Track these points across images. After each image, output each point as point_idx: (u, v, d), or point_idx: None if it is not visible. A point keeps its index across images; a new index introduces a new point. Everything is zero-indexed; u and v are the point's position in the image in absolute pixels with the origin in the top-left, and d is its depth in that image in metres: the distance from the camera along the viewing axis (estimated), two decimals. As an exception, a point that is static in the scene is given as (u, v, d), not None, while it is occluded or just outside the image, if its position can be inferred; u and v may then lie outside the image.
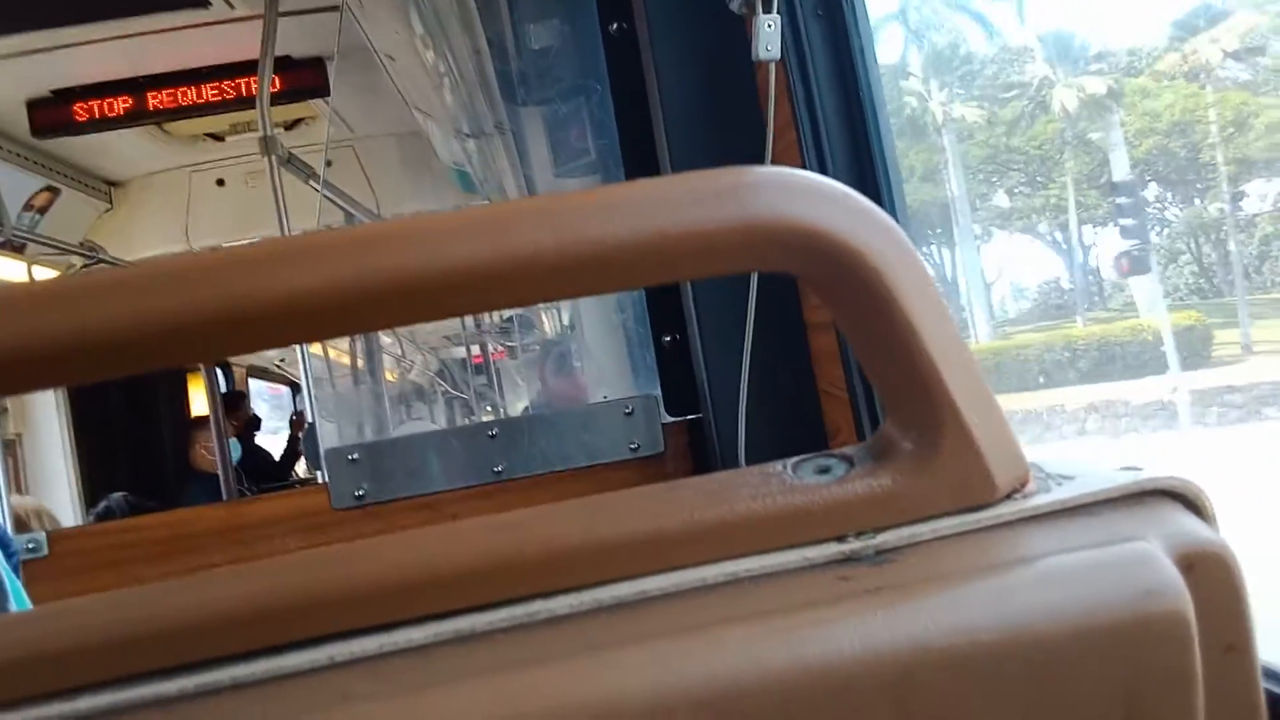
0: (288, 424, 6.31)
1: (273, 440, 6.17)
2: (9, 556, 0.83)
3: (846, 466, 0.35)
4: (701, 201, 0.32)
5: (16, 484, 4.02)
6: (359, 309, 0.31)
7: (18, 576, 0.83)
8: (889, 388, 0.35)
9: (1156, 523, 0.33)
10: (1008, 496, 0.34)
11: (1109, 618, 0.30)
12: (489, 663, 0.31)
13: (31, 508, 2.72)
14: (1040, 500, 0.34)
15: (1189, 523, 0.33)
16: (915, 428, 0.34)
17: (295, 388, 6.89)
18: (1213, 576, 0.32)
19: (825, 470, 0.35)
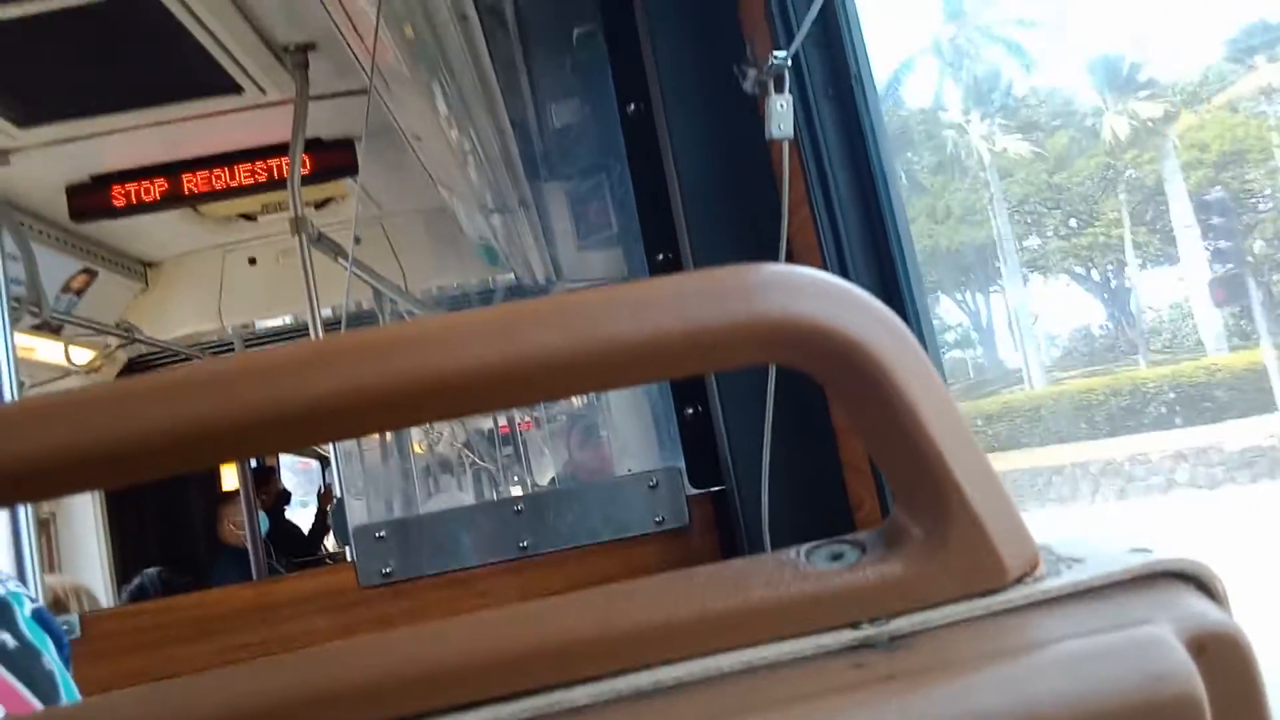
0: (315, 498, 6.34)
1: (302, 513, 6.19)
2: (60, 649, 0.82)
3: (859, 553, 0.36)
4: (706, 300, 0.33)
5: (50, 563, 4.05)
6: (381, 410, 0.33)
7: (68, 667, 0.83)
8: (897, 476, 0.36)
9: (1167, 605, 0.33)
10: (1018, 580, 0.35)
11: (1120, 703, 0.31)
12: None
13: (70, 587, 2.73)
14: (1050, 584, 0.34)
15: (1200, 605, 0.33)
16: (924, 515, 0.35)
17: (324, 462, 6.92)
18: (1225, 659, 0.32)
19: (838, 557, 0.36)
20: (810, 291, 0.33)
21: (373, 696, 0.34)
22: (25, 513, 1.64)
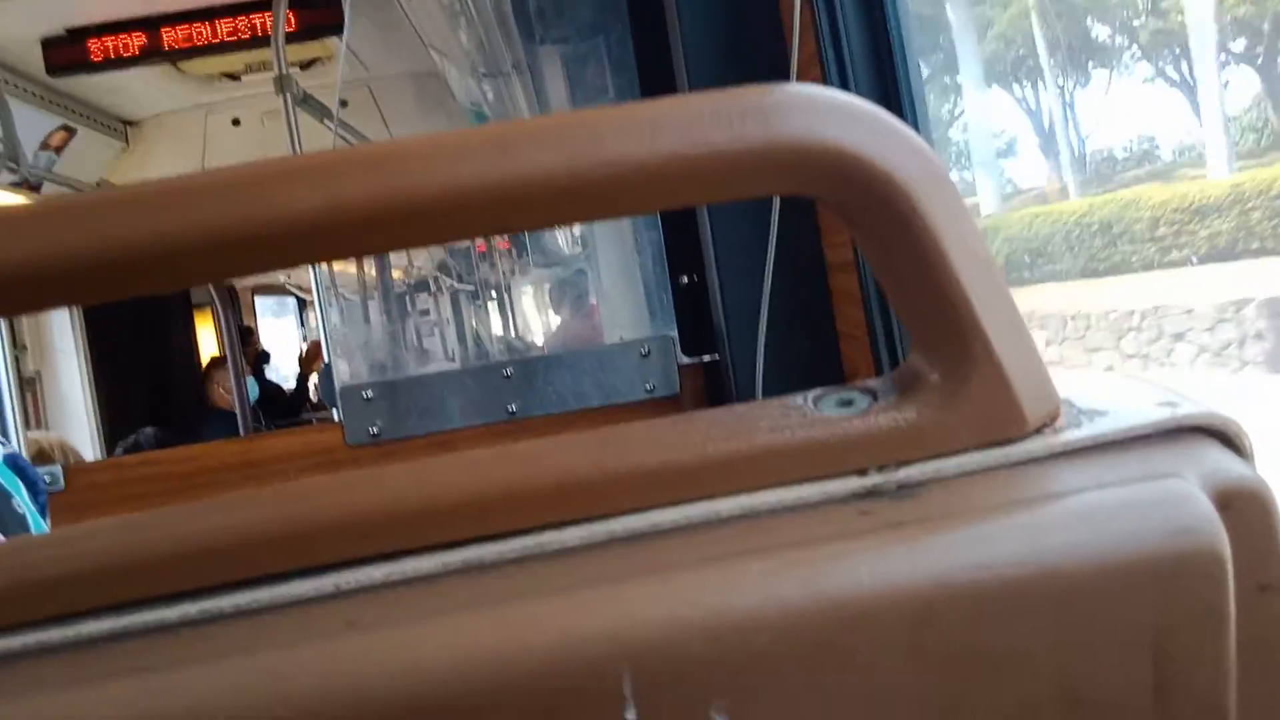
0: (294, 326, 6.32)
1: (275, 332, 6.14)
2: (36, 496, 0.82)
3: (869, 399, 0.34)
4: (721, 120, 0.30)
5: (37, 421, 4.07)
6: (364, 230, 0.30)
7: (44, 517, 0.83)
8: (916, 317, 0.34)
9: (1193, 460, 0.32)
10: (1037, 431, 0.33)
11: (1141, 555, 0.29)
12: (498, 593, 0.31)
13: (55, 441, 2.75)
14: (1071, 435, 0.33)
15: (1226, 460, 0.32)
16: (942, 359, 0.33)
17: (302, 303, 6.90)
18: (1250, 515, 0.31)
19: (848, 403, 0.34)
20: (830, 112, 0.30)
21: (354, 532, 0.33)
22: (5, 369, 1.63)
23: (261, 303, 6.58)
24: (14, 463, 0.79)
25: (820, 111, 0.31)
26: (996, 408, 0.32)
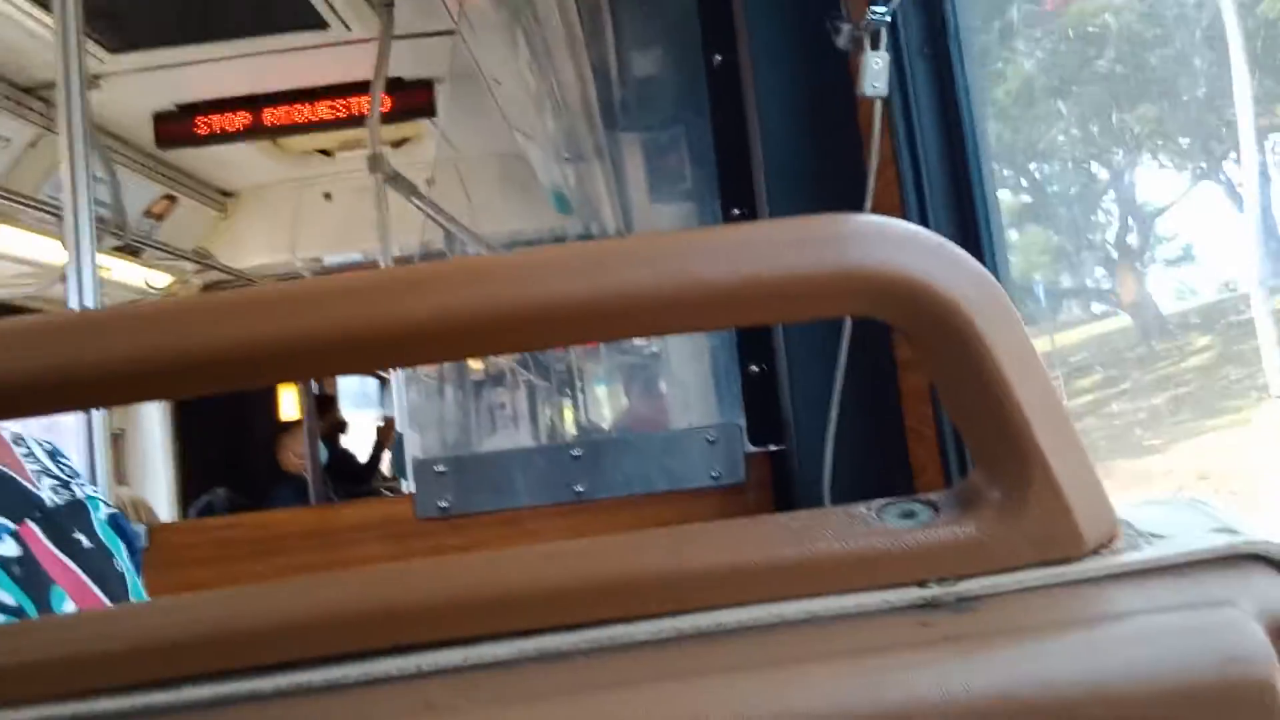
0: (373, 409, 6.48)
1: (357, 416, 6.29)
2: (133, 555, 0.85)
3: (931, 513, 0.35)
4: (798, 247, 0.32)
5: (119, 477, 4.20)
6: (471, 336, 0.33)
7: (139, 573, 0.85)
8: (977, 438, 0.35)
9: (1248, 588, 0.32)
10: (1095, 552, 0.34)
11: (1193, 682, 0.30)
12: (569, 683, 0.32)
13: (131, 498, 2.84)
14: (1128, 558, 0.34)
15: None
16: (1002, 478, 0.34)
17: (383, 382, 7.08)
18: None
19: (910, 515, 0.36)
20: (904, 244, 0.33)
21: (436, 616, 0.35)
22: (100, 429, 1.70)
23: (345, 392, 6.76)
24: (115, 522, 0.82)
25: (888, 240, 0.33)
26: (1055, 527, 0.34)
